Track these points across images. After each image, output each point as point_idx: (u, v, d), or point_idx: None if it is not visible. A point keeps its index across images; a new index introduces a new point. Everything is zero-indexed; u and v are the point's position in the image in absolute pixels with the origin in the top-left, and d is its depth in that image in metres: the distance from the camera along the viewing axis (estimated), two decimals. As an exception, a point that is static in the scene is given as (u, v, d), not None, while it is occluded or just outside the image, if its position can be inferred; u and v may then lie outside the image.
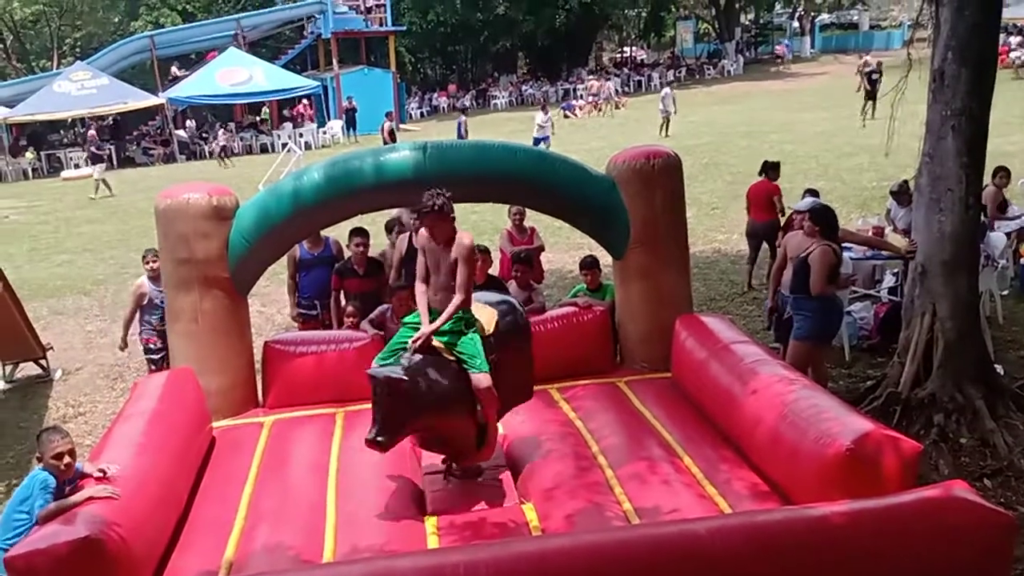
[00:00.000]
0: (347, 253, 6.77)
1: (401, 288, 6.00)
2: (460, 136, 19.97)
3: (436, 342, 4.33)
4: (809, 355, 5.73)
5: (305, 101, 29.38)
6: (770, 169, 9.23)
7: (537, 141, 18.20)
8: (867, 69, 22.35)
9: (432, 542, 4.07)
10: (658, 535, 3.21)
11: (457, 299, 4.34)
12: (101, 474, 3.87)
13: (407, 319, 4.62)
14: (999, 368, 6.23)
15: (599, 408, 5.39)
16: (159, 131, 27.91)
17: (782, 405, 4.31)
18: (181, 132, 27.37)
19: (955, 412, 5.63)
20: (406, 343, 4.40)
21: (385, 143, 19.53)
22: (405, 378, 4.17)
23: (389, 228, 7.08)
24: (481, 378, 4.30)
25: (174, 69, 29.95)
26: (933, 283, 5.85)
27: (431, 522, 4.28)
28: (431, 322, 4.35)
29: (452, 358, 4.33)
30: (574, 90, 34.71)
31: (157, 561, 3.98)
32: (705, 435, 4.92)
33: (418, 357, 4.28)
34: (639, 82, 36.74)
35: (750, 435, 4.51)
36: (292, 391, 5.75)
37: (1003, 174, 8.53)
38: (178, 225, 5.50)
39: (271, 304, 9.50)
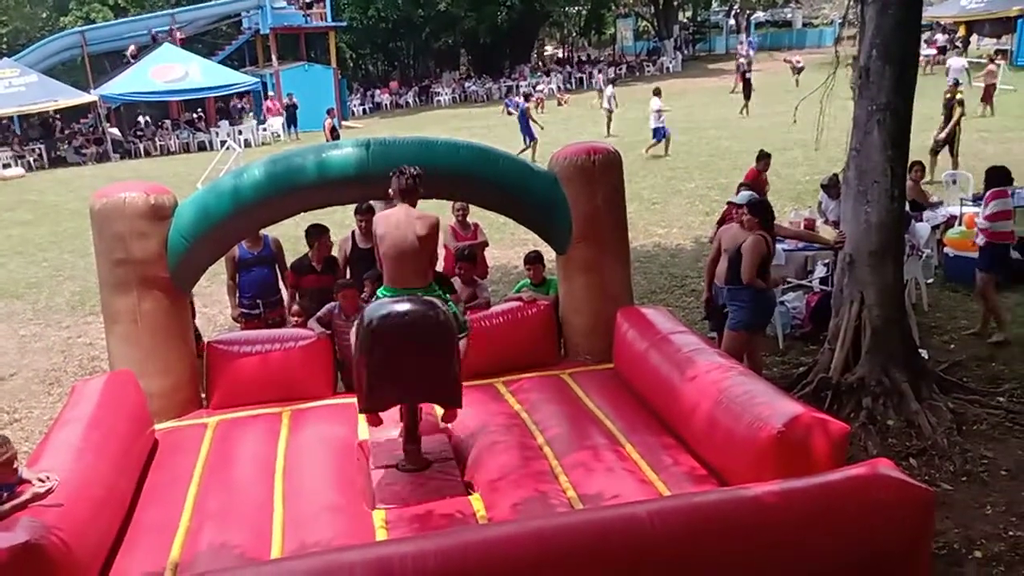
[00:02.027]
0: (303, 251, 6.76)
1: (347, 286, 6.02)
2: None
3: None
4: (744, 343, 5.92)
5: (271, 96, 28.70)
6: (760, 159, 9.58)
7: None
8: (797, 64, 23.55)
9: (381, 535, 4.11)
10: (600, 519, 3.31)
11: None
12: (40, 482, 3.82)
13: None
14: (924, 353, 6.52)
15: (544, 400, 5.48)
16: (92, 129, 27.17)
17: (717, 392, 4.46)
18: (114, 130, 26.68)
19: (882, 395, 5.88)
20: None
21: (328, 140, 19.37)
22: None
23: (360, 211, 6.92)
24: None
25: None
26: (861, 272, 6.09)
27: (379, 516, 4.32)
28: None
29: None
30: (516, 87, 34.83)
31: (101, 564, 3.94)
32: (646, 423, 5.05)
33: None
34: (580, 79, 37.04)
35: (688, 421, 4.65)
36: (236, 391, 5.71)
37: (918, 168, 8.88)
38: (114, 225, 5.41)
39: (212, 304, 9.39)
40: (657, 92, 18.02)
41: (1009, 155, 13.62)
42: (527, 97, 23.45)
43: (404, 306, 4.40)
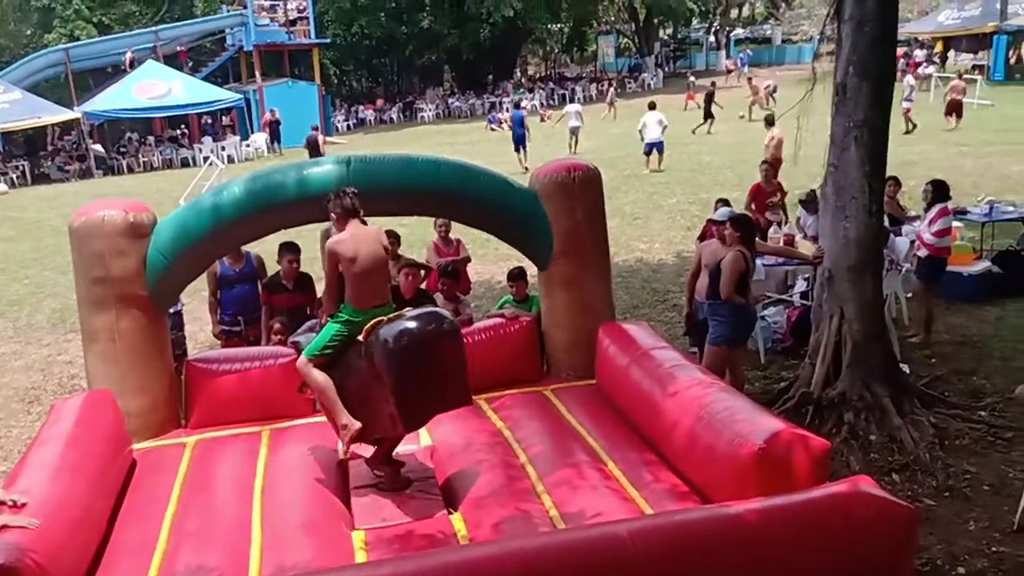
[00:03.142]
0: (276, 268, 6.72)
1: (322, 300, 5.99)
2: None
3: None
4: (725, 358, 5.92)
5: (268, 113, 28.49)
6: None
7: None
8: (769, 90, 24.12)
9: (360, 556, 4.07)
10: (581, 539, 3.29)
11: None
12: (13, 503, 3.76)
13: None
14: (905, 367, 6.54)
15: (526, 416, 5.46)
16: (75, 146, 27.03)
17: (698, 408, 4.45)
18: (98, 147, 26.56)
19: (864, 410, 5.89)
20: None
21: (311, 155, 19.42)
22: None
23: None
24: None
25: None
26: (840, 287, 6.12)
27: (358, 536, 4.27)
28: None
29: None
30: (500, 103, 34.97)
31: (76, 587, 3.89)
32: (628, 439, 5.03)
33: None
34: (563, 95, 37.23)
35: (669, 438, 4.63)
36: (215, 410, 5.66)
37: (892, 182, 8.95)
38: (93, 243, 5.36)
39: (193, 322, 9.27)
40: (652, 106, 18.16)
41: (989, 169, 13.80)
42: (518, 105, 23.77)
43: (412, 322, 4.42)
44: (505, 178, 6.10)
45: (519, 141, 19.39)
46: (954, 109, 20.10)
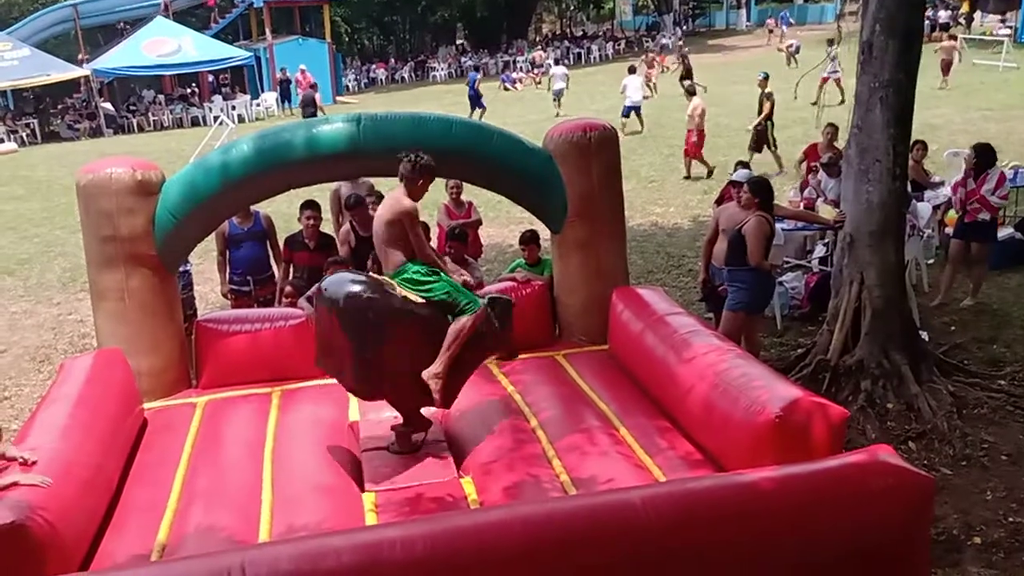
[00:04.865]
0: (286, 228, 6.67)
1: (336, 263, 5.93)
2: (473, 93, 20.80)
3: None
4: (742, 325, 5.84)
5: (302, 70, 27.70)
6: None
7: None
8: (790, 49, 23.61)
9: (370, 519, 4.05)
10: (592, 505, 3.24)
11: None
12: (23, 461, 3.75)
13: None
14: (924, 335, 6.43)
15: (537, 381, 5.40)
16: (84, 104, 26.89)
17: (714, 375, 4.38)
18: (107, 105, 26.41)
19: (882, 378, 5.80)
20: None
21: (304, 115, 19.30)
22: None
23: (348, 206, 6.83)
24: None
25: None
26: (861, 252, 6.00)
27: (369, 499, 4.25)
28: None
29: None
30: (514, 62, 34.53)
31: (88, 545, 3.88)
32: (641, 405, 4.97)
33: None
34: (579, 54, 36.71)
35: (684, 405, 4.57)
36: (226, 371, 5.63)
37: (919, 146, 8.77)
38: (101, 201, 5.31)
39: (203, 282, 9.26)
40: (632, 69, 18.09)
41: (1013, 134, 13.50)
42: (477, 68, 23.65)
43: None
44: (519, 138, 5.98)
45: (473, 103, 20.31)
46: (944, 69, 20.23)
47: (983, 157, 7.34)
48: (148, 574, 2.90)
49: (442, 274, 4.61)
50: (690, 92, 14.39)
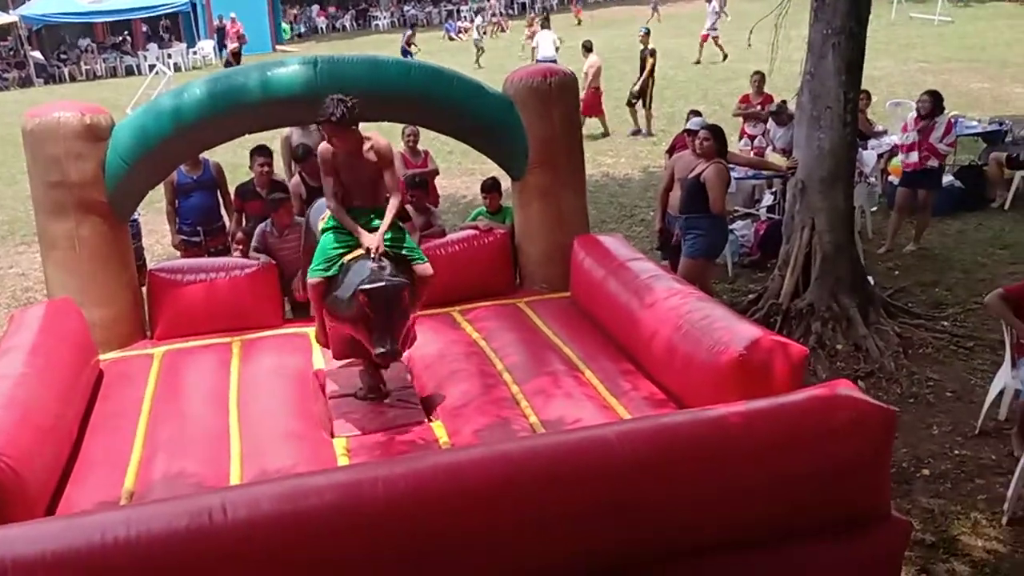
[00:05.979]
0: (246, 176, 6.52)
1: (279, 200, 5.86)
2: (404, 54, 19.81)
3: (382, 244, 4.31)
4: (701, 271, 5.94)
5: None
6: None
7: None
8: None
9: (343, 462, 4.05)
10: (569, 441, 3.29)
11: (394, 201, 4.44)
12: None
13: (327, 224, 4.48)
14: (870, 279, 6.64)
15: (501, 328, 5.43)
16: (12, 53, 25.65)
17: (677, 317, 4.45)
18: (37, 53, 25.23)
19: (831, 320, 6.00)
20: (341, 251, 4.34)
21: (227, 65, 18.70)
22: (406, 282, 4.19)
23: (297, 157, 6.71)
24: (427, 267, 4.49)
25: None
26: (812, 198, 6.14)
27: (340, 444, 4.26)
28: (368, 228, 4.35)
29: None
30: (457, 11, 33.95)
31: (51, 493, 3.82)
32: (604, 350, 5.04)
33: (385, 261, 4.24)
34: (523, 5, 36.26)
35: (647, 347, 4.65)
36: (182, 321, 5.52)
37: (863, 96, 8.94)
38: (48, 146, 5.11)
39: (150, 234, 9.01)
40: (546, 24, 17.70)
41: (949, 86, 13.82)
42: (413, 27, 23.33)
43: None
44: (480, 83, 5.92)
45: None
46: None
47: (933, 104, 7.52)
48: (125, 516, 2.84)
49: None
50: (586, 48, 13.70)
